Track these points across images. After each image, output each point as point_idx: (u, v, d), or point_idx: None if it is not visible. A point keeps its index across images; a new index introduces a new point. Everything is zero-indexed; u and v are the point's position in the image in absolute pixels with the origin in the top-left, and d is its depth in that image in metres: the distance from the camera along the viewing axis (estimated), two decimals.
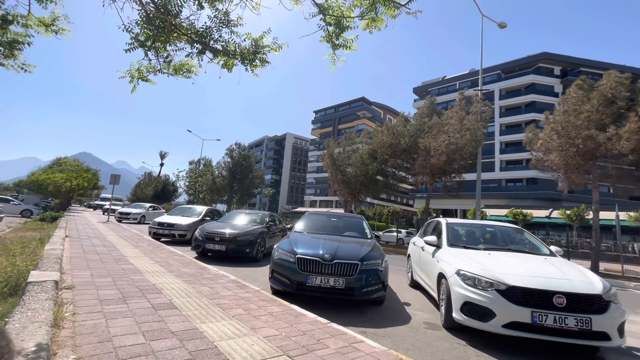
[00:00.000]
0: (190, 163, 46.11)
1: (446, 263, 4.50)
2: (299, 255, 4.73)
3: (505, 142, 44.24)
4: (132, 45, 3.39)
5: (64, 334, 2.63)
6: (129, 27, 3.32)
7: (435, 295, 4.96)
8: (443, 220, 5.94)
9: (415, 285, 6.74)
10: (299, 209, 64.73)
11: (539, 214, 30.53)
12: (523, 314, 3.41)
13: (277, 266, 4.93)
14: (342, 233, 6.31)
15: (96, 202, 43.43)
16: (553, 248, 5.11)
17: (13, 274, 3.84)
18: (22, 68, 3.09)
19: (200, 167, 44.17)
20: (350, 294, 4.54)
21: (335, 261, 4.60)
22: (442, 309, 4.33)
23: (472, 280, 3.84)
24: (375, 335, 3.69)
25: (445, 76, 53.90)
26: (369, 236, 6.30)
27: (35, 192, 28.52)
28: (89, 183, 28.73)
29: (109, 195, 28.84)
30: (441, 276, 4.55)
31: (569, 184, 16.04)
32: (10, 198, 23.96)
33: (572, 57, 42.82)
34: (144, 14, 3.20)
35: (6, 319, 2.67)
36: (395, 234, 28.24)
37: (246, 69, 3.43)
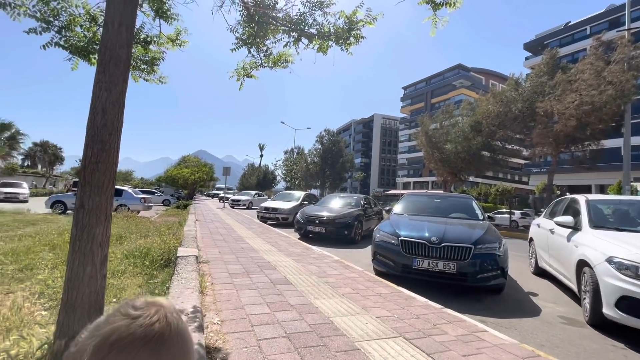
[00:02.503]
0: (285, 152, 49.86)
1: (590, 248, 3.69)
2: (402, 238, 4.57)
3: None
4: (237, 45, 3.70)
5: (207, 299, 3.14)
6: (234, 28, 3.62)
7: (572, 285, 4.16)
8: (581, 197, 4.87)
9: (540, 272, 5.81)
10: (391, 192, 63.18)
11: None
12: None
13: (379, 248, 4.87)
14: (447, 215, 5.83)
15: (213, 192, 51.15)
16: None
17: (165, 250, 4.79)
18: (160, 81, 3.75)
19: (294, 156, 47.29)
20: (463, 280, 4.18)
21: (443, 244, 4.28)
22: (586, 302, 3.59)
23: (631, 270, 3.06)
24: (497, 325, 3.30)
25: (570, 22, 43.58)
26: (481, 217, 5.66)
27: (170, 185, 35.44)
28: (207, 175, 34.27)
29: (223, 186, 33.55)
30: (582, 264, 3.77)
31: None
32: (155, 190, 30.70)
33: None
34: (245, 12, 3.44)
35: (167, 285, 3.33)
36: (507, 215, 24.91)
37: (341, 49, 3.37)
